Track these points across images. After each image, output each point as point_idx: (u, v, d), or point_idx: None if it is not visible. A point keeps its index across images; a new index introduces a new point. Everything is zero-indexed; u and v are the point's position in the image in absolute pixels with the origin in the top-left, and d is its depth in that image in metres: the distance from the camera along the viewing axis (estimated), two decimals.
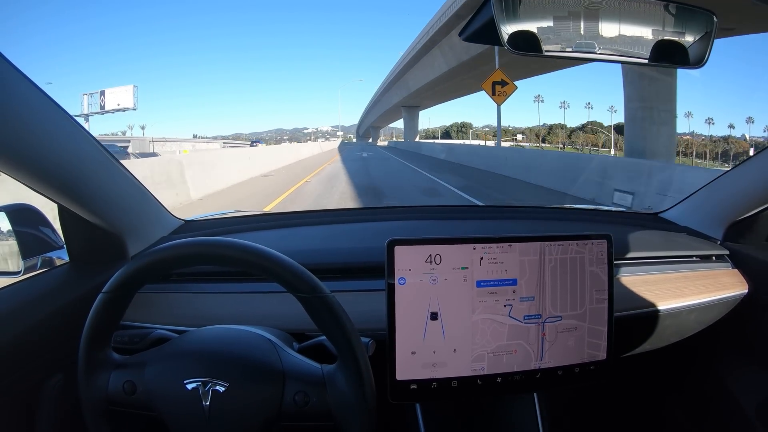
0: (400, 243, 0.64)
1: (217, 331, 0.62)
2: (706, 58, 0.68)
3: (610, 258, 0.70)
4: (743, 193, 0.93)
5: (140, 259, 0.56)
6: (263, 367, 0.56)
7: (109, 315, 0.56)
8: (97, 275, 0.77)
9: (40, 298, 0.71)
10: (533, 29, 0.66)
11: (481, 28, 0.67)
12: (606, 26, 0.68)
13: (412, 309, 0.65)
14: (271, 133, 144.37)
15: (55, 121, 0.63)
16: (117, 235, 0.79)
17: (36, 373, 0.69)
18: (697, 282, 0.92)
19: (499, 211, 1.31)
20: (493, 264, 0.67)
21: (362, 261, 0.85)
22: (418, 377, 0.66)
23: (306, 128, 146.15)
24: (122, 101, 35.63)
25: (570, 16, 0.67)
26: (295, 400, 0.55)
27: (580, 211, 1.28)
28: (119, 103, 35.51)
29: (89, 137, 0.70)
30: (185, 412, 0.55)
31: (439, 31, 20.70)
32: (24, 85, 0.57)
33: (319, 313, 0.55)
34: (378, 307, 0.67)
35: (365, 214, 1.22)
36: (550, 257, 0.68)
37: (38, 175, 0.63)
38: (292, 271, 0.55)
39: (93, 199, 0.73)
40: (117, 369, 0.57)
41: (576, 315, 0.69)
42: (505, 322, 0.67)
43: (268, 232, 1.05)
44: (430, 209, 1.26)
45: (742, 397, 0.91)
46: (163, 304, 0.79)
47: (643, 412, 1.13)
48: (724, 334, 0.98)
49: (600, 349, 0.70)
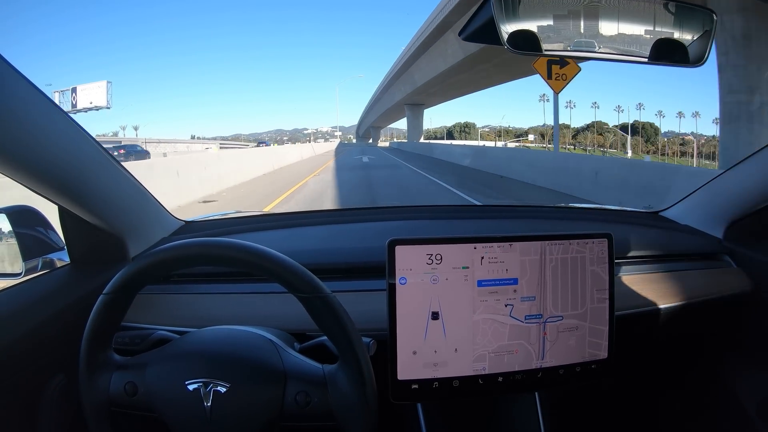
0: (400, 243, 0.64)
1: (219, 332, 0.62)
2: (705, 57, 0.68)
3: (611, 257, 0.70)
4: (744, 191, 0.93)
5: (141, 260, 0.56)
6: (264, 367, 0.56)
7: (110, 316, 0.56)
8: (97, 276, 0.77)
9: (41, 299, 0.71)
10: (533, 28, 0.66)
11: (481, 28, 0.67)
12: (605, 25, 0.68)
13: (413, 309, 0.65)
14: (270, 133, 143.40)
15: (54, 122, 0.63)
16: (117, 236, 0.79)
17: (37, 374, 0.69)
18: (698, 281, 0.92)
19: (499, 211, 1.31)
20: (493, 263, 0.67)
21: (363, 261, 0.85)
22: (420, 377, 0.66)
23: (306, 129, 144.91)
24: (95, 99, 32.63)
25: (569, 15, 0.67)
26: (296, 400, 0.55)
27: (581, 210, 1.28)
28: (92, 101, 32.59)
29: (89, 138, 0.70)
30: (187, 413, 0.55)
31: (453, 10, 16.95)
32: (23, 86, 0.57)
33: (320, 313, 0.55)
34: (379, 307, 0.67)
35: (366, 214, 1.22)
36: (551, 257, 0.68)
37: (38, 177, 0.63)
38: (292, 271, 0.55)
39: (93, 200, 0.73)
40: (118, 370, 0.57)
41: (577, 314, 0.69)
42: (506, 322, 0.67)
43: (268, 233, 1.05)
44: (430, 209, 1.26)
45: (743, 395, 0.91)
46: (164, 305, 0.79)
47: (644, 411, 1.12)
48: (725, 332, 0.98)
49: (601, 348, 0.70)
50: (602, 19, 0.68)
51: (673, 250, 0.98)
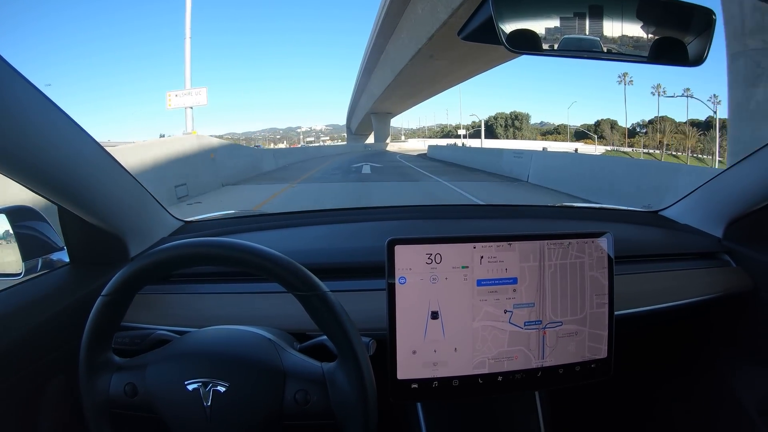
0: (400, 242, 0.64)
1: (218, 332, 0.62)
2: (704, 56, 0.68)
3: (610, 256, 0.70)
4: (743, 190, 0.93)
5: (140, 261, 0.56)
6: (264, 366, 0.56)
7: (109, 316, 0.56)
8: (97, 277, 0.77)
9: (41, 299, 0.71)
10: (532, 27, 0.66)
11: (480, 27, 0.67)
12: (604, 24, 0.68)
13: (412, 308, 0.65)
14: (264, 132, 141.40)
15: (53, 121, 0.63)
16: (117, 236, 0.79)
17: (37, 375, 0.69)
18: (698, 280, 0.92)
19: (498, 210, 1.31)
20: (493, 263, 0.67)
21: (362, 261, 0.85)
22: (419, 376, 0.66)
23: (300, 127, 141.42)
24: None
25: (568, 14, 0.67)
26: (296, 399, 0.55)
27: (580, 210, 1.28)
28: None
29: (89, 138, 0.70)
30: (186, 413, 0.55)
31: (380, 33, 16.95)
32: (22, 86, 0.57)
33: (319, 311, 0.55)
34: (378, 307, 0.67)
35: (365, 213, 1.22)
36: (549, 262, 0.68)
37: (38, 177, 0.63)
38: (290, 270, 0.55)
39: (93, 201, 0.73)
40: (118, 371, 0.57)
41: (576, 320, 0.69)
42: (505, 329, 0.67)
43: (268, 233, 1.05)
44: (429, 209, 1.26)
45: (743, 394, 0.92)
46: (163, 305, 0.79)
47: (645, 411, 1.13)
48: (724, 331, 0.98)
49: (601, 352, 0.70)
50: (602, 18, 0.68)
51: (672, 250, 0.98)
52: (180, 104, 13.86)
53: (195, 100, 13.86)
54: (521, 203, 1.40)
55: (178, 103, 13.87)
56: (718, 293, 0.90)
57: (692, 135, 51.67)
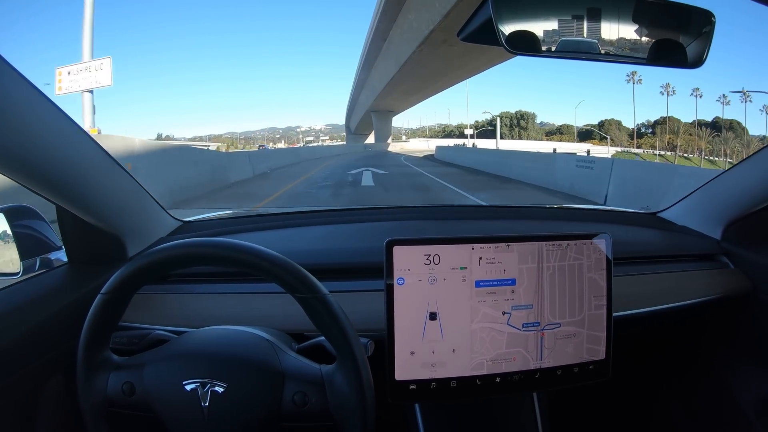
0: (398, 243, 0.64)
1: (216, 332, 0.62)
2: (704, 58, 0.68)
3: (608, 258, 0.70)
4: (742, 192, 0.93)
5: (138, 260, 0.56)
6: (262, 367, 0.56)
7: (107, 316, 0.56)
8: (95, 276, 0.77)
9: (39, 299, 0.71)
10: (532, 29, 0.66)
11: (479, 28, 0.67)
12: (604, 26, 0.68)
13: (411, 309, 0.65)
14: (264, 132, 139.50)
15: (52, 121, 0.63)
16: (115, 235, 0.79)
17: (35, 374, 0.69)
18: (696, 281, 0.92)
19: (497, 212, 1.31)
20: (491, 264, 0.67)
21: (361, 261, 0.85)
22: (417, 377, 0.66)
23: (299, 126, 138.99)
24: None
25: (568, 16, 0.67)
26: (294, 400, 0.55)
27: (578, 211, 1.28)
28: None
29: (87, 137, 0.70)
30: (184, 413, 0.55)
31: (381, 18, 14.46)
32: (20, 85, 0.57)
33: (318, 313, 0.55)
34: (377, 308, 0.67)
35: (364, 214, 1.22)
36: (548, 264, 0.68)
37: (36, 176, 0.62)
38: (289, 271, 0.55)
39: (91, 200, 0.73)
40: (116, 370, 0.57)
41: (575, 321, 0.69)
42: (503, 330, 0.67)
43: (266, 233, 1.05)
44: (428, 209, 1.26)
45: (741, 396, 0.92)
46: (161, 305, 0.79)
47: (643, 412, 1.13)
48: (723, 333, 0.99)
49: (599, 354, 0.71)
50: (601, 20, 0.68)
51: (670, 251, 0.98)
52: (74, 87, 8.84)
53: (95, 78, 8.79)
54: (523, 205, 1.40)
55: (71, 86, 8.84)
56: (716, 295, 0.90)
57: (704, 136, 50.17)
